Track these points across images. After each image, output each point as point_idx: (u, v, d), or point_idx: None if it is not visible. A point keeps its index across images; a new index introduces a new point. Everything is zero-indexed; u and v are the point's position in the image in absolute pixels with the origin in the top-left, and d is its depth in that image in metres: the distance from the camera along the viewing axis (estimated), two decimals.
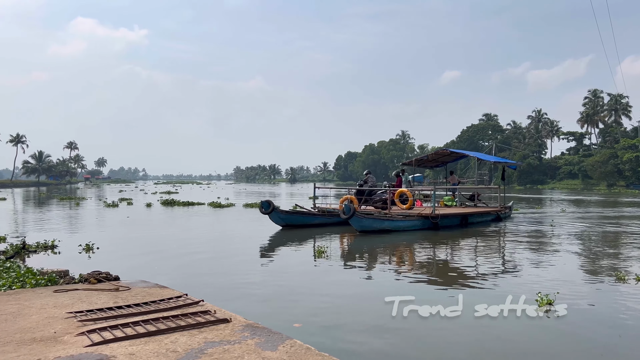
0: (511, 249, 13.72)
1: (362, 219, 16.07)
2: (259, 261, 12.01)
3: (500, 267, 10.96)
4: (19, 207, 36.61)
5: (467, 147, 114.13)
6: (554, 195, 52.90)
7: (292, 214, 18.70)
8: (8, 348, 4.28)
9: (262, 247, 14.09)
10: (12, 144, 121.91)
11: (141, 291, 6.61)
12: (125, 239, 16.49)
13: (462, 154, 25.36)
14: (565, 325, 6.25)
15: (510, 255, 12.58)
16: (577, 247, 14.04)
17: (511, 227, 19.10)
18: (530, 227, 18.80)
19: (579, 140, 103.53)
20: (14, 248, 11.77)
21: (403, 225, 16.89)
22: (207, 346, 4.33)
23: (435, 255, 12.92)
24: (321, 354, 4.12)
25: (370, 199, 19.70)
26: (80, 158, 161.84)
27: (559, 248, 13.45)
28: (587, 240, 15.62)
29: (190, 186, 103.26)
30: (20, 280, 7.26)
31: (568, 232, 17.28)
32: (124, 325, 4.88)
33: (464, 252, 13.48)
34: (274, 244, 14.78)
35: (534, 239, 15.56)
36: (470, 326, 6.03)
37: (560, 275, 9.66)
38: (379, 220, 16.54)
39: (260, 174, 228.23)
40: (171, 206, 32.57)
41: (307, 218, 18.53)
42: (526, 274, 9.93)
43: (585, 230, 17.92)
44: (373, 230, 16.15)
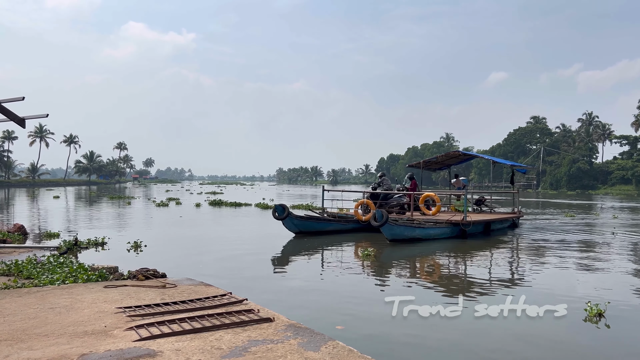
0: (554, 258, 13.26)
1: (394, 226, 14.73)
2: (303, 263, 12.06)
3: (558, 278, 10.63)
4: (71, 204, 38.05)
5: (514, 150, 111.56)
6: (606, 201, 50.63)
7: (307, 220, 17.22)
8: (62, 340, 4.45)
9: (307, 250, 14.06)
10: (65, 144, 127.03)
11: (187, 289, 6.75)
12: (174, 237, 16.89)
13: (470, 155, 23.82)
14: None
15: (561, 264, 12.17)
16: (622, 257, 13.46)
17: (529, 233, 17.98)
18: (546, 236, 17.63)
19: (632, 144, 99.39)
20: (67, 244, 12.23)
21: (434, 233, 15.70)
22: (250, 344, 4.38)
23: (487, 267, 12.60)
24: (364, 356, 4.11)
25: (385, 204, 18.24)
26: (129, 158, 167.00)
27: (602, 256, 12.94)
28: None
29: (235, 187, 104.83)
30: (72, 275, 7.54)
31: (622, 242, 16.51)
32: (170, 321, 5.00)
33: (507, 263, 13.06)
34: (316, 245, 14.73)
35: (565, 248, 14.96)
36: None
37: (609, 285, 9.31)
38: (411, 228, 15.20)
39: (302, 176, 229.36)
40: (219, 206, 33.12)
41: (321, 224, 17.29)
42: (582, 285, 9.61)
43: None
44: (404, 239, 14.89)
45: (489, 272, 11.02)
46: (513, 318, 6.09)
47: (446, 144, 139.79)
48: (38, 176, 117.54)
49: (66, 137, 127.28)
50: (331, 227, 17.29)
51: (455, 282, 9.97)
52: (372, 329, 6.41)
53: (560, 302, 7.45)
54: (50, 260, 9.01)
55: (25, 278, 7.55)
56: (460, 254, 13.52)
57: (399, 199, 18.46)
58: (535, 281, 9.63)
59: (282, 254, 13.30)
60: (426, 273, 10.84)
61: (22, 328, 4.80)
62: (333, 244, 14.93)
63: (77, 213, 29.04)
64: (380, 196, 18.38)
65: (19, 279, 7.40)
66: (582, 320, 6.61)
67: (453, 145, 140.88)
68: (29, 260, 8.58)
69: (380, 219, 14.24)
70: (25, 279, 7.52)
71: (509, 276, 10.37)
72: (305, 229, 16.58)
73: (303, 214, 18.25)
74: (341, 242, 15.26)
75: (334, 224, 17.49)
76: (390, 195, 18.61)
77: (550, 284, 9.52)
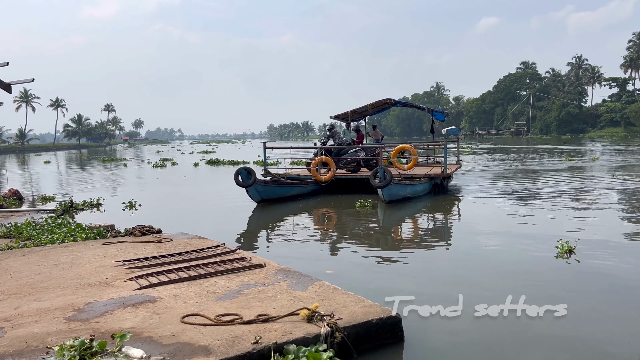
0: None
1: (392, 185, 12.80)
2: (302, 218, 12.35)
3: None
4: (62, 169, 38.10)
5: (504, 97, 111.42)
6: (596, 146, 50.85)
7: (271, 185, 14.43)
8: (67, 292, 4.77)
9: (303, 206, 13.77)
10: (52, 108, 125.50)
11: (182, 242, 7.08)
12: (169, 195, 17.18)
13: (400, 102, 20.11)
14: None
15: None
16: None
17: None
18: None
19: (622, 86, 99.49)
20: (63, 206, 12.49)
21: (419, 190, 14.37)
22: (243, 287, 4.73)
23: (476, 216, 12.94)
24: (347, 292, 4.46)
25: (338, 160, 15.70)
26: (118, 120, 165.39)
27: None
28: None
29: (226, 145, 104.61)
30: (71, 234, 7.84)
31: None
32: (168, 271, 5.33)
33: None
34: (286, 217, 12.68)
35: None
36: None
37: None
38: (403, 186, 13.62)
39: (294, 132, 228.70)
40: (216, 165, 33.24)
41: (284, 189, 14.65)
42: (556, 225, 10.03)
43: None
44: (398, 199, 13.26)
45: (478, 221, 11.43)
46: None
47: (437, 94, 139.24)
48: (27, 142, 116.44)
49: (52, 101, 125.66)
50: (293, 192, 14.85)
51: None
52: (363, 271, 6.83)
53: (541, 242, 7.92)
54: (49, 221, 9.28)
55: (26, 239, 7.84)
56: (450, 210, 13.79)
57: (354, 154, 16.26)
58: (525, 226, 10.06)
59: (280, 211, 12.87)
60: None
61: (29, 283, 5.11)
62: (304, 212, 13.08)
63: (70, 177, 29.18)
64: (333, 152, 16.10)
65: (20, 240, 7.68)
66: (554, 256, 7.02)
67: (444, 94, 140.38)
68: (27, 223, 8.85)
69: (383, 179, 12.46)
70: (26, 240, 7.80)
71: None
72: (268, 196, 13.98)
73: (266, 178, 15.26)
74: (311, 209, 13.47)
75: (295, 188, 14.98)
76: (343, 150, 16.40)
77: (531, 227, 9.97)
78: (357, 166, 15.96)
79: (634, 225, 9.83)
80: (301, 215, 12.48)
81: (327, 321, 3.68)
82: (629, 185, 16.02)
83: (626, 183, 16.50)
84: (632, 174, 19.53)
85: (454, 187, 16.72)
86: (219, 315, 3.91)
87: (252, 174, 13.45)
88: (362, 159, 16.02)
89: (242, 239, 9.52)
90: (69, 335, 3.56)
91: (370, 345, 3.85)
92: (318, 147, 16.36)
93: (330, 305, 4.14)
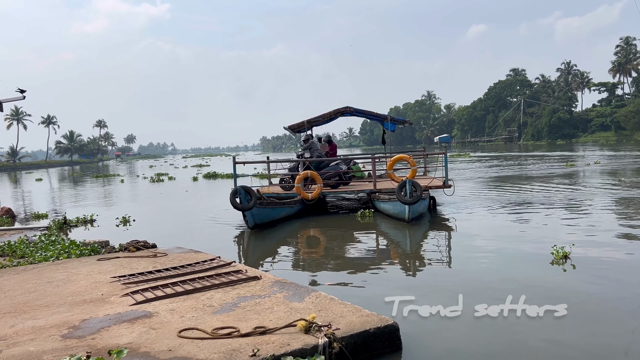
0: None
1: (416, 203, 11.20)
2: (297, 229, 12.28)
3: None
4: (55, 186, 37.90)
5: (495, 104, 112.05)
6: (593, 150, 50.52)
7: (265, 207, 12.03)
8: (62, 309, 4.74)
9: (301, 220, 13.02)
10: (44, 125, 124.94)
11: (177, 256, 7.06)
12: (163, 210, 17.10)
13: (353, 109, 17.60)
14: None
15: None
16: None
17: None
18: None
19: (611, 90, 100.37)
20: (56, 224, 12.42)
21: (425, 205, 12.74)
22: (240, 300, 4.72)
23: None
24: (344, 302, 4.46)
25: (319, 174, 13.19)
26: (110, 136, 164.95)
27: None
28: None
29: (220, 158, 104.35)
30: (66, 251, 7.80)
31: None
32: (163, 286, 5.31)
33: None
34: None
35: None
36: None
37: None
38: (422, 202, 11.87)
39: (287, 143, 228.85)
40: (214, 179, 32.89)
41: (276, 211, 12.56)
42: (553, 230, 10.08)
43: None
44: (417, 216, 11.79)
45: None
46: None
47: (428, 102, 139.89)
48: (19, 159, 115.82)
49: (44, 118, 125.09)
50: (283, 213, 12.87)
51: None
52: (360, 282, 6.82)
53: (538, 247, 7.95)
54: (42, 239, 9.23)
55: (19, 257, 7.79)
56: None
57: (336, 167, 14.76)
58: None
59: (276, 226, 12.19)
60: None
61: (24, 301, 5.07)
62: (299, 223, 12.46)
63: (62, 194, 29.03)
64: (313, 165, 14.04)
65: (14, 258, 7.63)
66: (550, 263, 7.03)
67: (435, 103, 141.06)
68: (20, 241, 8.80)
69: (411, 194, 10.94)
70: (19, 258, 7.76)
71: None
72: (261, 220, 11.86)
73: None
74: (307, 220, 12.65)
75: (286, 209, 13.00)
76: (323, 163, 14.77)
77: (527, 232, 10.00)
78: (338, 181, 14.45)
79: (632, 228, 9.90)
80: (296, 226, 12.44)
81: (324, 332, 3.68)
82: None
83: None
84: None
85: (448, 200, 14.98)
86: (216, 328, 3.90)
87: (252, 195, 11.38)
88: (344, 172, 14.61)
89: (237, 251, 9.50)
90: (66, 352, 3.53)
91: (368, 355, 3.85)
92: (294, 160, 14.88)
93: (328, 315, 4.13)
